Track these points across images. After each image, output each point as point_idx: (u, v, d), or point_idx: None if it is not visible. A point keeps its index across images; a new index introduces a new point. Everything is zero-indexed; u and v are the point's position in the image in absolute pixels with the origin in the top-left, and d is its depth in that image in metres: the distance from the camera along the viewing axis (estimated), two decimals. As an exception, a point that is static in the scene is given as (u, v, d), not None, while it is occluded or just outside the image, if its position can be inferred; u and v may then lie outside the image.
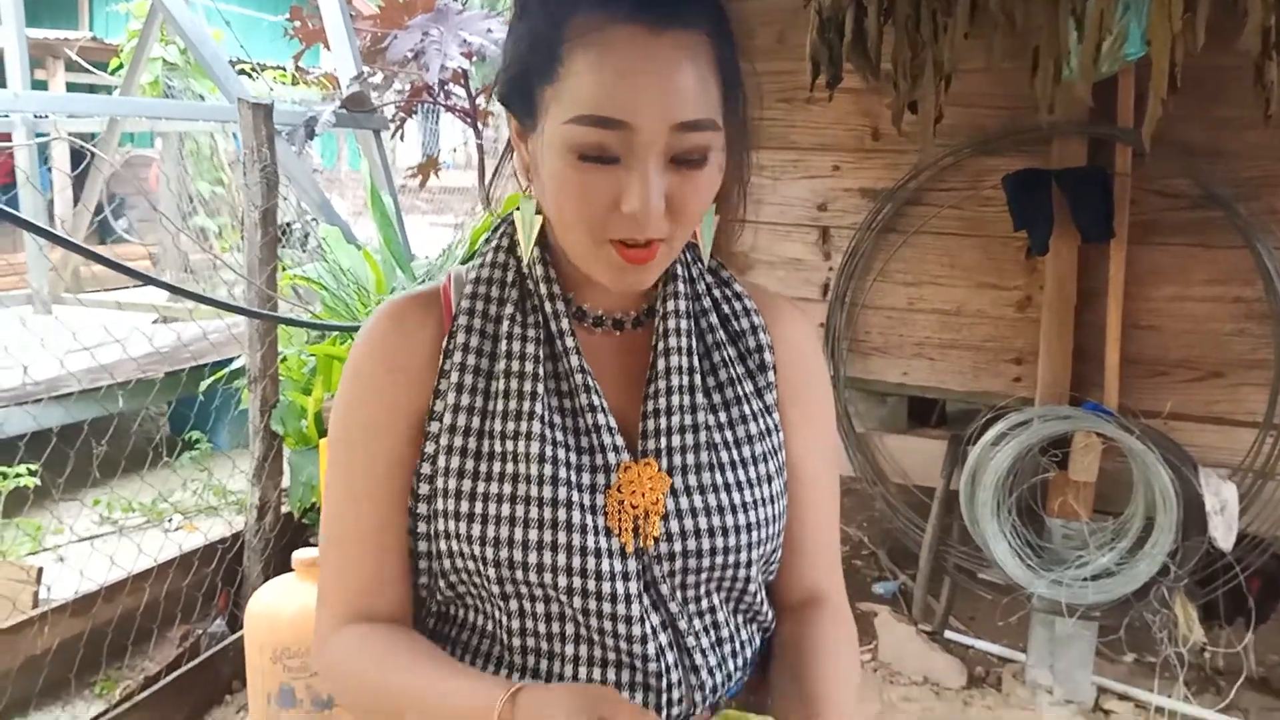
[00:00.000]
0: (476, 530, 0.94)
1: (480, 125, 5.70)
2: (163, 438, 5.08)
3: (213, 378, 4.46)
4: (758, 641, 1.07)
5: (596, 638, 0.96)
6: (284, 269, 4.21)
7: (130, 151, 8.95)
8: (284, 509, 3.74)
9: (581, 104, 0.86)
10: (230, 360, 4.53)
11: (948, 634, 3.67)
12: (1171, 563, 2.98)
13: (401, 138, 6.62)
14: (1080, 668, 3.31)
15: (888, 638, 3.62)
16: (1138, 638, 3.41)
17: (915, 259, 3.52)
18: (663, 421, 0.98)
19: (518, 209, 1.01)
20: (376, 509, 0.99)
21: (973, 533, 3.31)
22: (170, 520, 4.54)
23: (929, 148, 2.81)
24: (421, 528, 0.99)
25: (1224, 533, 2.91)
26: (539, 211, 0.99)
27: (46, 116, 6.64)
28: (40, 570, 3.36)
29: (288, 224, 7.08)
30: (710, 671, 1.00)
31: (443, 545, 0.97)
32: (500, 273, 1.03)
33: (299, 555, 2.92)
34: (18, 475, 3.67)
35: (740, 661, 1.04)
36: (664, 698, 0.97)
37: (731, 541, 0.97)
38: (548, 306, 0.99)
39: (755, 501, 0.99)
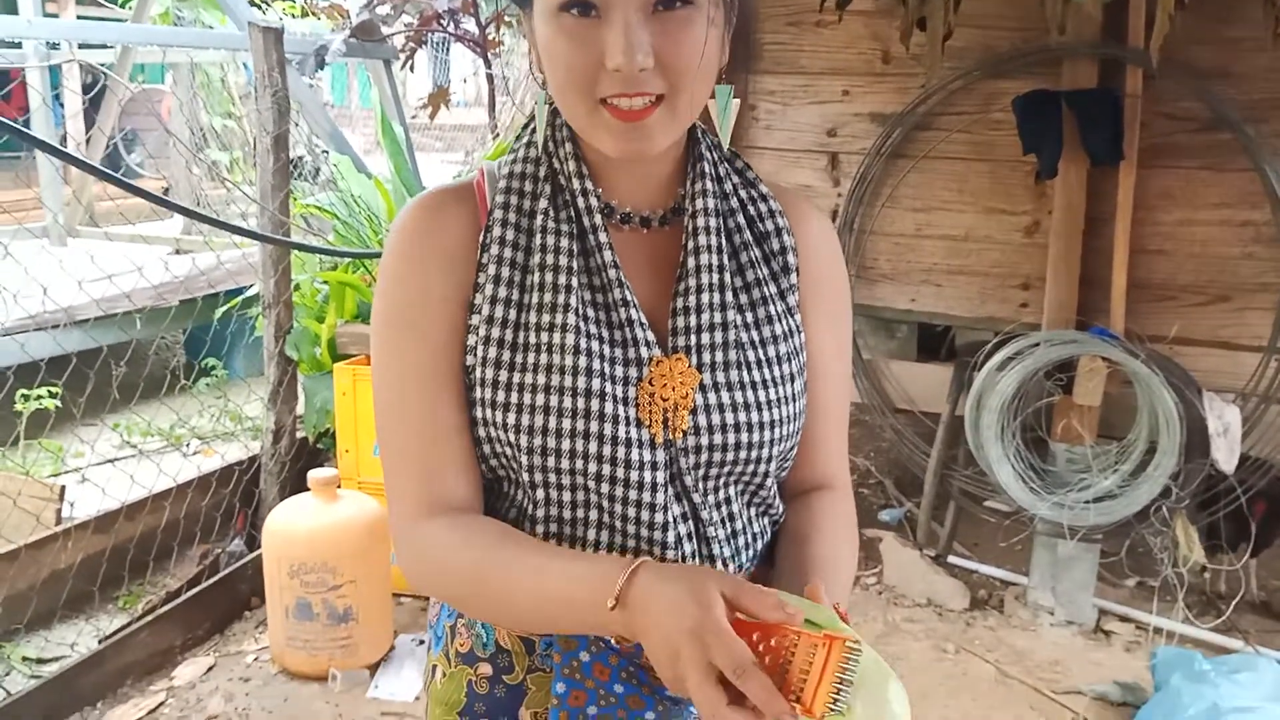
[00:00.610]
0: (512, 418, 0.96)
1: (490, 55, 5.66)
2: (179, 364, 5.15)
3: (227, 305, 4.50)
4: (769, 534, 1.10)
5: (619, 524, 0.98)
6: (295, 200, 4.23)
7: (142, 85, 8.92)
8: (299, 434, 3.80)
9: None
10: (245, 289, 4.57)
11: (951, 558, 3.73)
12: (1174, 485, 3.02)
13: (411, 69, 6.56)
14: (1081, 590, 3.36)
15: (892, 562, 3.68)
16: (1139, 562, 3.46)
17: (924, 184, 3.52)
18: (693, 319, 1.00)
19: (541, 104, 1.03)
20: (433, 393, 0.99)
21: (977, 457, 3.34)
22: (188, 445, 4.62)
23: (937, 67, 2.80)
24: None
25: (1226, 455, 2.94)
26: (550, 102, 1.00)
27: (58, 46, 6.62)
28: (63, 488, 3.43)
29: (299, 157, 7.08)
30: (725, 562, 1.03)
31: (481, 431, 0.99)
32: (533, 167, 1.03)
33: (314, 475, 2.99)
34: (39, 397, 3.73)
35: (752, 553, 1.07)
36: None
37: (755, 437, 1.00)
38: (580, 202, 1.00)
39: (779, 399, 1.02)
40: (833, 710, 0.78)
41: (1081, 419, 3.18)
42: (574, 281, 0.98)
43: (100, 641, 2.89)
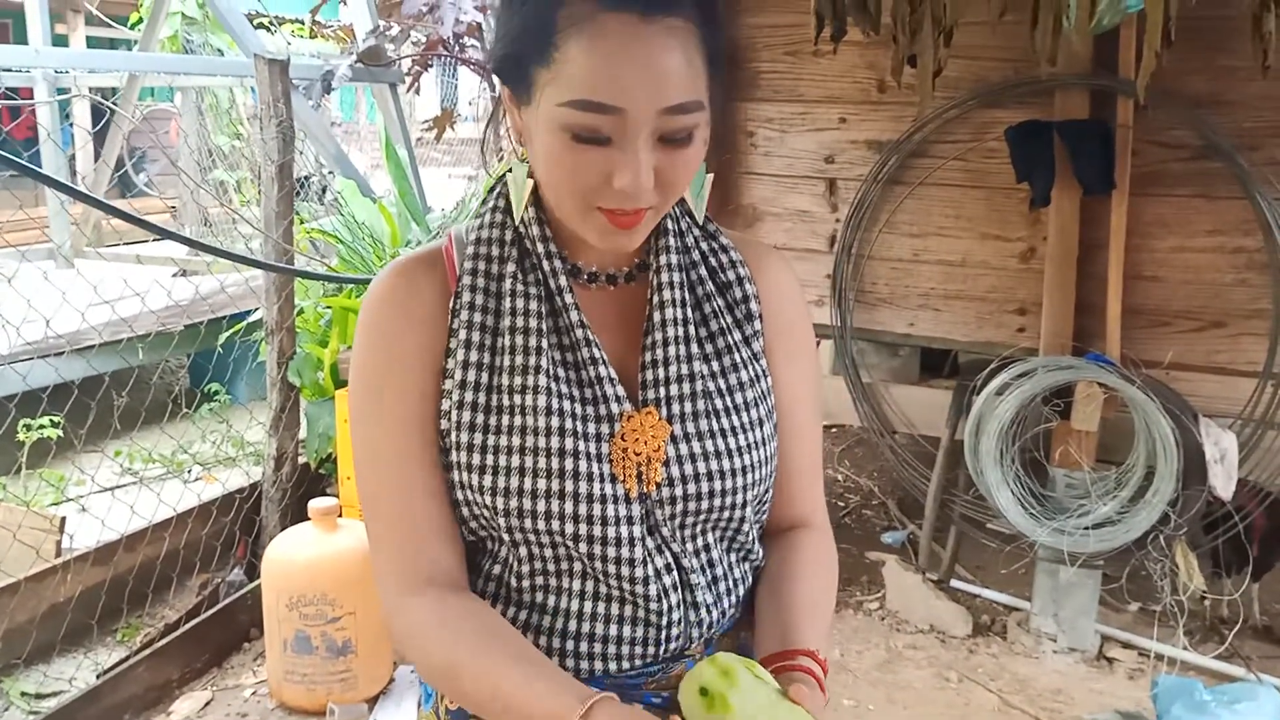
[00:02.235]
0: (488, 480, 0.98)
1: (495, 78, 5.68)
2: (182, 390, 5.18)
3: (230, 330, 4.53)
4: (749, 579, 1.12)
5: (602, 577, 1.01)
6: (301, 222, 4.26)
7: (150, 105, 8.99)
8: (301, 459, 3.82)
9: (576, 89, 0.89)
10: (248, 313, 4.60)
11: (954, 583, 3.72)
12: (1172, 511, 3.01)
13: (417, 91, 6.62)
14: (1083, 616, 3.35)
15: (895, 586, 3.67)
16: (1140, 587, 3.44)
17: (920, 210, 3.52)
18: (660, 372, 1.03)
19: (510, 171, 1.05)
20: (412, 460, 1.01)
21: (977, 482, 3.34)
22: (189, 471, 4.64)
23: (929, 101, 2.81)
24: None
25: (1224, 482, 2.93)
26: (530, 175, 1.02)
27: (67, 72, 6.68)
28: (63, 520, 3.45)
29: (305, 177, 7.13)
30: (708, 609, 1.06)
31: (459, 495, 1.01)
32: (500, 232, 1.06)
33: (315, 504, 3.00)
34: (40, 427, 3.76)
35: (734, 599, 1.09)
36: (664, 634, 1.03)
37: (729, 484, 1.03)
38: (545, 265, 1.03)
39: (749, 445, 1.04)
40: None
41: (1079, 445, 3.17)
42: (544, 343, 1.00)
43: (98, 676, 2.90)
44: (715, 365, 1.06)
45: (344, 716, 2.90)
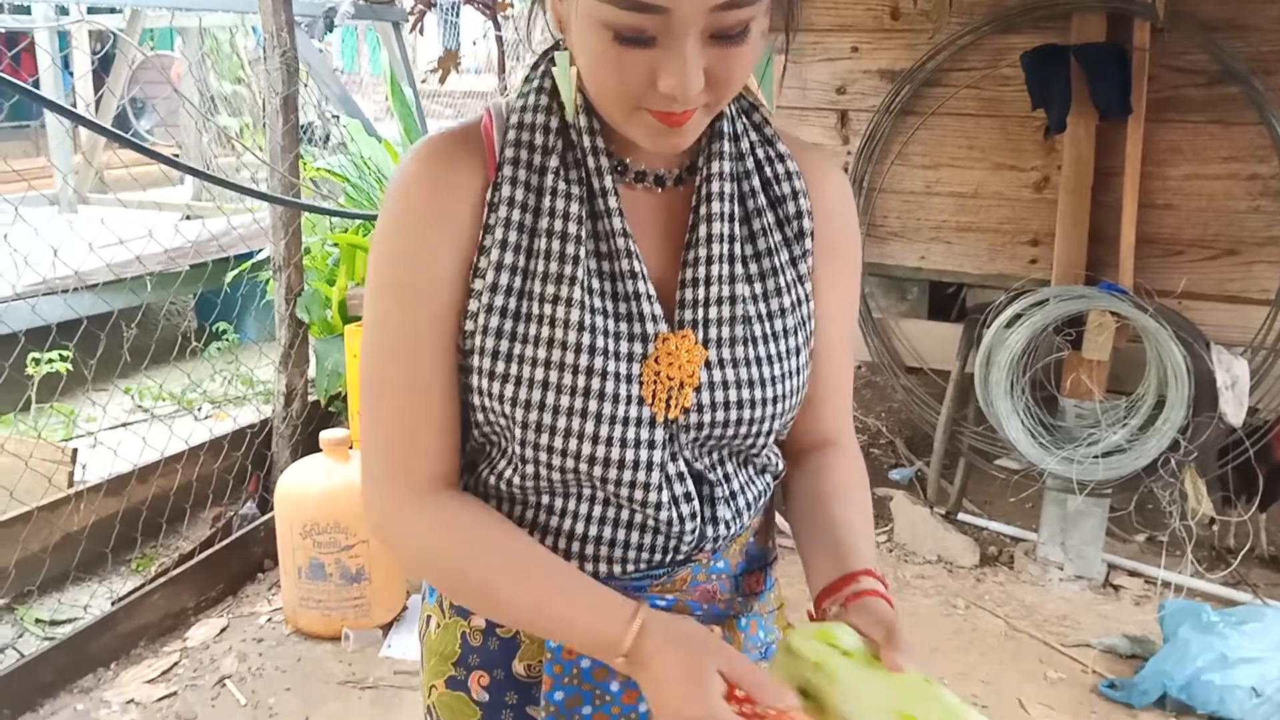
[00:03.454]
0: (510, 391, 0.94)
1: (500, 18, 5.61)
2: (190, 329, 5.18)
3: (238, 269, 4.52)
4: (770, 490, 1.10)
5: (613, 499, 0.97)
6: (305, 164, 4.23)
7: (152, 49, 8.90)
8: (311, 397, 3.83)
9: None
10: (256, 253, 4.58)
11: (961, 516, 3.73)
12: (1182, 438, 3.01)
13: (421, 31, 6.54)
14: (1090, 544, 3.37)
15: (903, 520, 3.69)
16: (1148, 517, 3.46)
17: (933, 141, 3.50)
18: (701, 292, 0.97)
19: (555, 51, 0.97)
20: (420, 364, 0.96)
21: (987, 414, 3.34)
22: (200, 409, 4.66)
23: (945, 22, 2.78)
24: (461, 381, 0.98)
25: (1234, 409, 2.93)
26: (574, 63, 0.93)
27: (67, 11, 6.60)
28: (75, 451, 3.46)
29: (309, 122, 7.06)
30: (727, 524, 1.03)
31: (476, 400, 0.96)
32: (544, 118, 0.97)
33: (327, 435, 3.00)
34: (50, 360, 3.75)
35: (753, 512, 1.07)
36: (674, 543, 1.00)
37: (758, 413, 0.98)
38: (590, 161, 0.96)
39: (784, 374, 1.00)
40: None
41: (1090, 374, 3.17)
42: (581, 251, 0.94)
43: (113, 603, 2.93)
44: (759, 288, 1.00)
45: (359, 641, 2.93)
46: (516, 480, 0.98)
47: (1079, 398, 3.24)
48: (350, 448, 3.04)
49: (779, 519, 1.17)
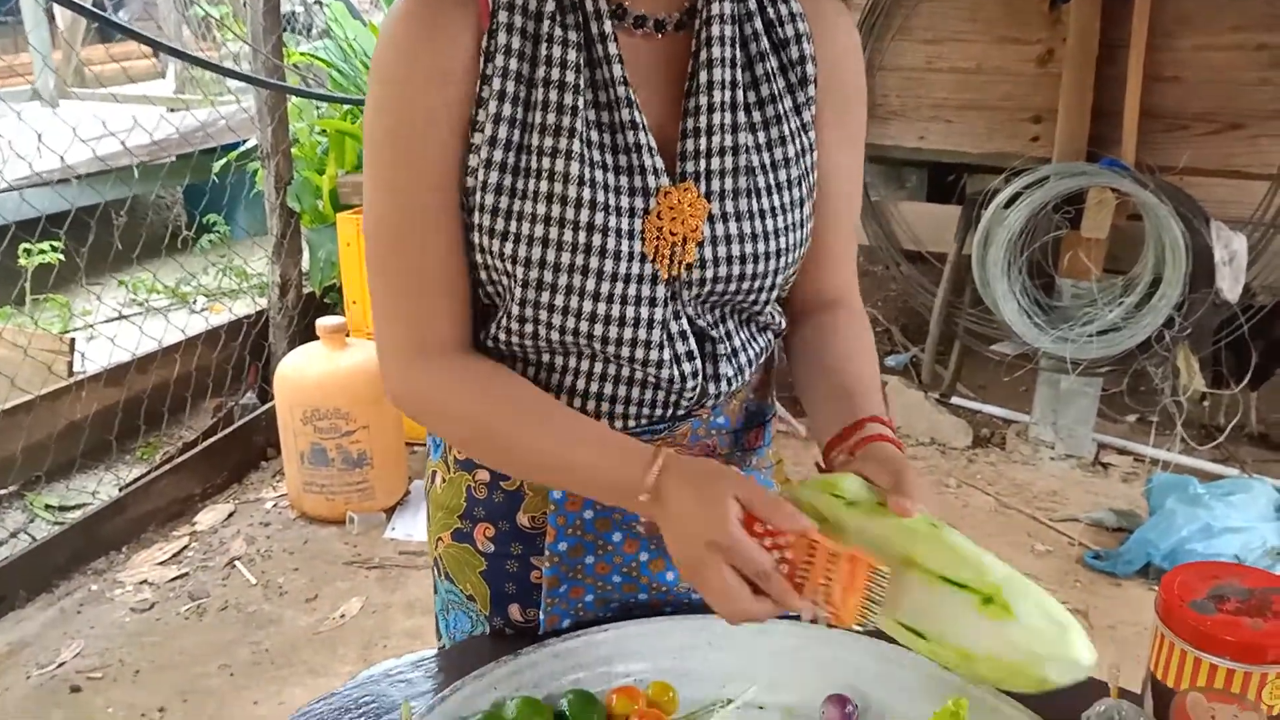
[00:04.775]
0: (509, 248, 0.92)
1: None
2: (180, 220, 5.13)
3: (224, 158, 4.45)
4: (771, 346, 1.09)
5: (613, 359, 0.96)
6: (289, 51, 4.12)
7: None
8: (305, 289, 3.81)
9: None
10: (243, 142, 4.51)
11: (955, 399, 3.77)
12: (1177, 315, 3.02)
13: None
14: (1082, 424, 3.41)
15: (897, 403, 3.72)
16: (1140, 399, 3.49)
17: (936, 14, 3.42)
18: (703, 142, 0.94)
19: None
20: (427, 224, 0.93)
21: (983, 294, 3.34)
22: (195, 302, 4.64)
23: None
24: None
25: (1231, 284, 2.93)
26: None
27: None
28: (73, 340, 3.46)
29: (291, 11, 6.87)
30: (729, 380, 1.02)
31: (476, 257, 0.95)
32: None
33: (323, 322, 3.00)
34: (41, 251, 3.72)
35: (754, 368, 1.06)
36: (675, 399, 1.00)
37: (762, 268, 0.96)
38: (589, 4, 0.92)
39: (788, 227, 0.97)
40: (861, 623, 0.81)
41: (1088, 252, 3.17)
42: (579, 101, 0.91)
43: (121, 490, 2.97)
44: (762, 137, 0.96)
45: (363, 524, 2.98)
46: (516, 340, 0.97)
47: (1076, 277, 3.23)
48: (347, 335, 3.04)
49: (779, 408, 1.16)
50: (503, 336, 0.97)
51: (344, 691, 0.97)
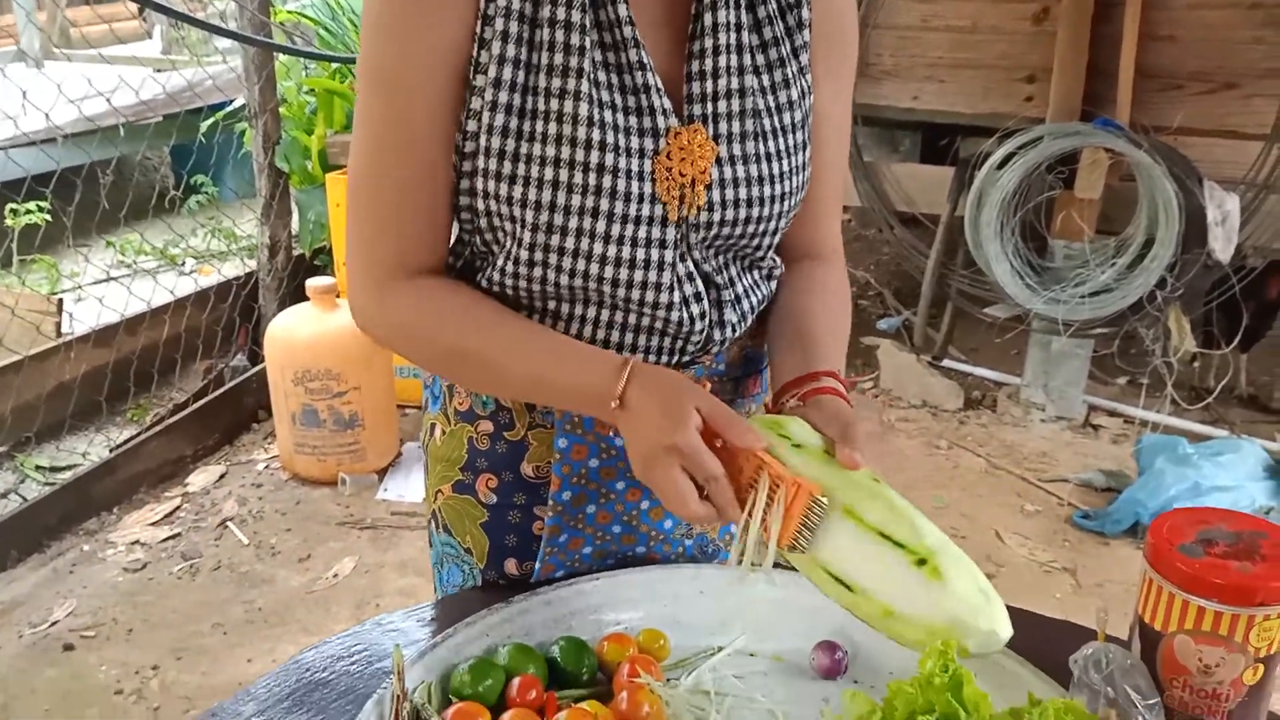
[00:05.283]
0: (518, 192, 0.90)
1: None
2: (167, 180, 5.08)
3: (212, 118, 4.41)
4: (772, 293, 1.09)
5: (622, 304, 0.96)
6: (276, 10, 4.07)
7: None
8: (295, 250, 3.79)
9: None
10: (230, 102, 4.46)
11: (947, 362, 3.78)
12: (1169, 276, 3.02)
13: None
14: (1072, 386, 3.42)
15: (889, 366, 3.73)
16: (1130, 361, 3.51)
17: (931, -30, 3.40)
18: (709, 85, 0.93)
19: None
20: (413, 156, 0.92)
21: (975, 256, 3.34)
22: (184, 264, 4.61)
23: None
24: (463, 184, 0.94)
25: (1223, 244, 2.93)
26: None
27: None
28: (60, 301, 3.44)
29: (278, -30, 6.79)
30: (734, 326, 1.02)
31: (480, 204, 0.93)
32: None
33: (313, 283, 2.98)
34: (28, 211, 3.68)
35: (754, 316, 1.06)
36: (680, 344, 1.00)
37: (769, 210, 0.96)
38: None
39: (792, 169, 0.97)
40: (793, 548, 0.83)
41: (1081, 213, 3.16)
42: (586, 42, 0.90)
43: (111, 450, 2.96)
44: (767, 79, 0.96)
45: (355, 485, 2.98)
46: (523, 285, 0.96)
47: (1068, 238, 3.23)
48: (337, 296, 3.03)
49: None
50: (508, 282, 0.96)
51: (336, 640, 0.97)
